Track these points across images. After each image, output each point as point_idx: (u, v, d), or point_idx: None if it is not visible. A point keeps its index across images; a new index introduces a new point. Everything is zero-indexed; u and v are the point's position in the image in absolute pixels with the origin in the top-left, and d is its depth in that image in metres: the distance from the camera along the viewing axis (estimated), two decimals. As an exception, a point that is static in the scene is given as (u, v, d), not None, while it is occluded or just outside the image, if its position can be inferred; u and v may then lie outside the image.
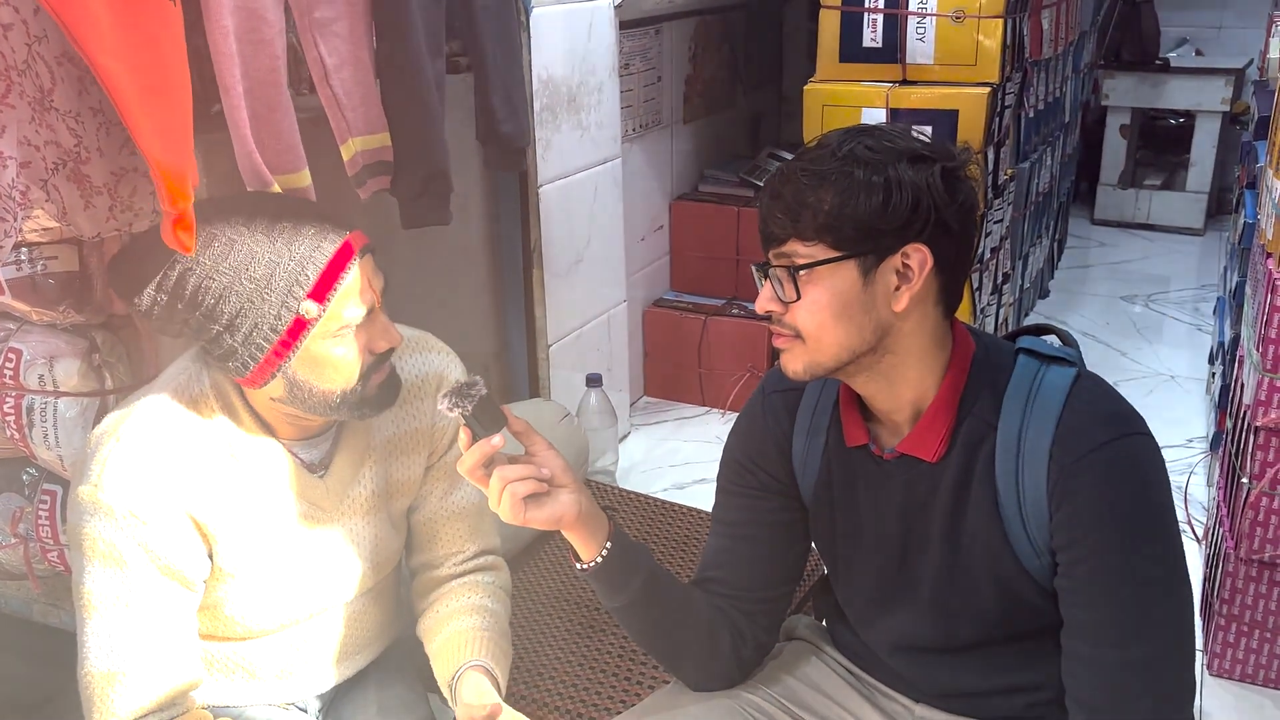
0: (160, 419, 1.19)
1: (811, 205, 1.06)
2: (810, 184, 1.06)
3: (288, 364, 1.18)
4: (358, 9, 1.56)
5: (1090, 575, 1.07)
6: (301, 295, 1.16)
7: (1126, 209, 5.14)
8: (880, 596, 1.25)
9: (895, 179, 1.05)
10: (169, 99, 1.19)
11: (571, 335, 2.71)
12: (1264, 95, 3.11)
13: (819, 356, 1.11)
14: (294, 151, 1.46)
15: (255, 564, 1.26)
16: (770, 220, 1.10)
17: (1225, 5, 5.34)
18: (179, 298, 1.16)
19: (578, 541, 1.18)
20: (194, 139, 1.23)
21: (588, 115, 2.63)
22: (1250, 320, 2.07)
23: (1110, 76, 4.96)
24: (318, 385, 1.21)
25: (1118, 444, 1.07)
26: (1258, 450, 1.86)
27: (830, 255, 1.07)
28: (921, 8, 2.58)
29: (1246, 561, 1.94)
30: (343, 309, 1.18)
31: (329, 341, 1.19)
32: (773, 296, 1.11)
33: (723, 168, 3.52)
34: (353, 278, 1.19)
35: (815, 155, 1.08)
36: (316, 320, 1.17)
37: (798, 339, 1.11)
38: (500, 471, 1.12)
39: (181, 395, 1.22)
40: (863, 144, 1.07)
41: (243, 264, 1.15)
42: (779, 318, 1.12)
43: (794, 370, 1.13)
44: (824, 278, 1.08)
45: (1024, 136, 3.24)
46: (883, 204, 1.05)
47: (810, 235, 1.07)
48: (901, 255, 1.07)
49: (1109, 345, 3.76)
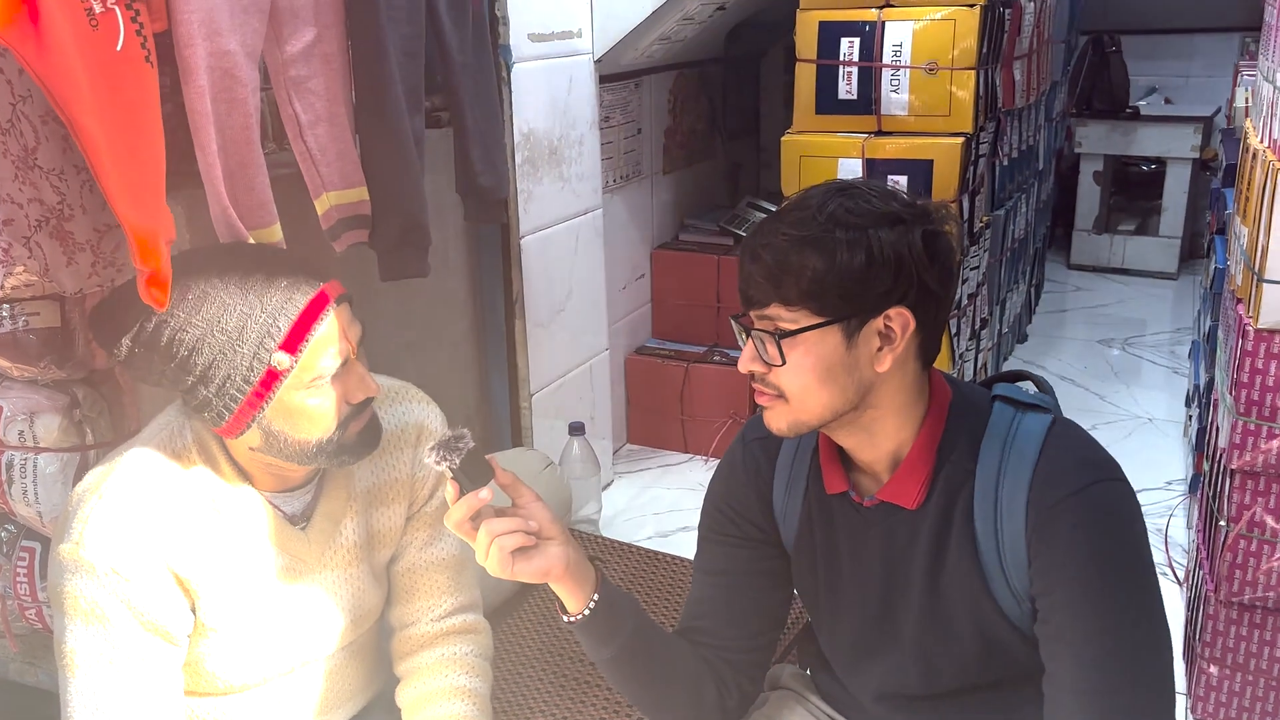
0: (142, 475, 1.19)
1: (794, 271, 1.06)
2: (792, 248, 1.06)
3: (262, 415, 1.18)
4: (334, 66, 1.58)
5: (1069, 622, 1.08)
6: (273, 347, 1.16)
7: (1102, 254, 5.21)
8: (863, 644, 1.25)
9: (877, 244, 1.05)
10: (142, 159, 1.19)
11: (554, 384, 2.72)
12: (1231, 143, 3.17)
13: (803, 416, 1.12)
14: (266, 208, 1.48)
15: (237, 618, 1.25)
16: (751, 284, 1.10)
17: (1192, 55, 5.46)
18: (154, 349, 1.16)
19: (565, 593, 1.18)
20: (179, 194, 1.24)
21: (569, 167, 2.66)
22: (1223, 364, 2.10)
23: (1083, 125, 5.05)
24: (293, 435, 1.21)
25: (1094, 489, 1.08)
26: (1234, 493, 1.88)
27: (814, 321, 1.07)
28: (895, 60, 2.63)
29: (1227, 604, 1.95)
30: (316, 360, 1.18)
31: (303, 392, 1.19)
32: (755, 357, 1.12)
33: (703, 217, 3.56)
34: (326, 328, 1.18)
35: (796, 218, 1.08)
36: (289, 372, 1.17)
37: (781, 398, 1.12)
38: (488, 525, 1.11)
39: (165, 449, 1.22)
40: (843, 205, 1.07)
41: (215, 316, 1.15)
42: (762, 377, 1.13)
43: (777, 428, 1.14)
44: (808, 342, 1.08)
45: (999, 184, 3.29)
46: (865, 269, 1.05)
47: (793, 300, 1.07)
48: (884, 318, 1.08)
49: (1087, 389, 3.79)
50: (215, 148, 1.38)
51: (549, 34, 2.51)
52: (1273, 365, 1.78)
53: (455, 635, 1.43)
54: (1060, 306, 4.78)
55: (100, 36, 1.12)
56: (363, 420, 1.26)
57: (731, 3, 3.12)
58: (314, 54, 1.55)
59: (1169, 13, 5.39)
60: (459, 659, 1.41)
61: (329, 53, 1.57)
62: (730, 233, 3.42)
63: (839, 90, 2.69)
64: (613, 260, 3.05)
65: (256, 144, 1.45)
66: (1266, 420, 1.80)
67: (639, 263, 3.37)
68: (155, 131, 1.21)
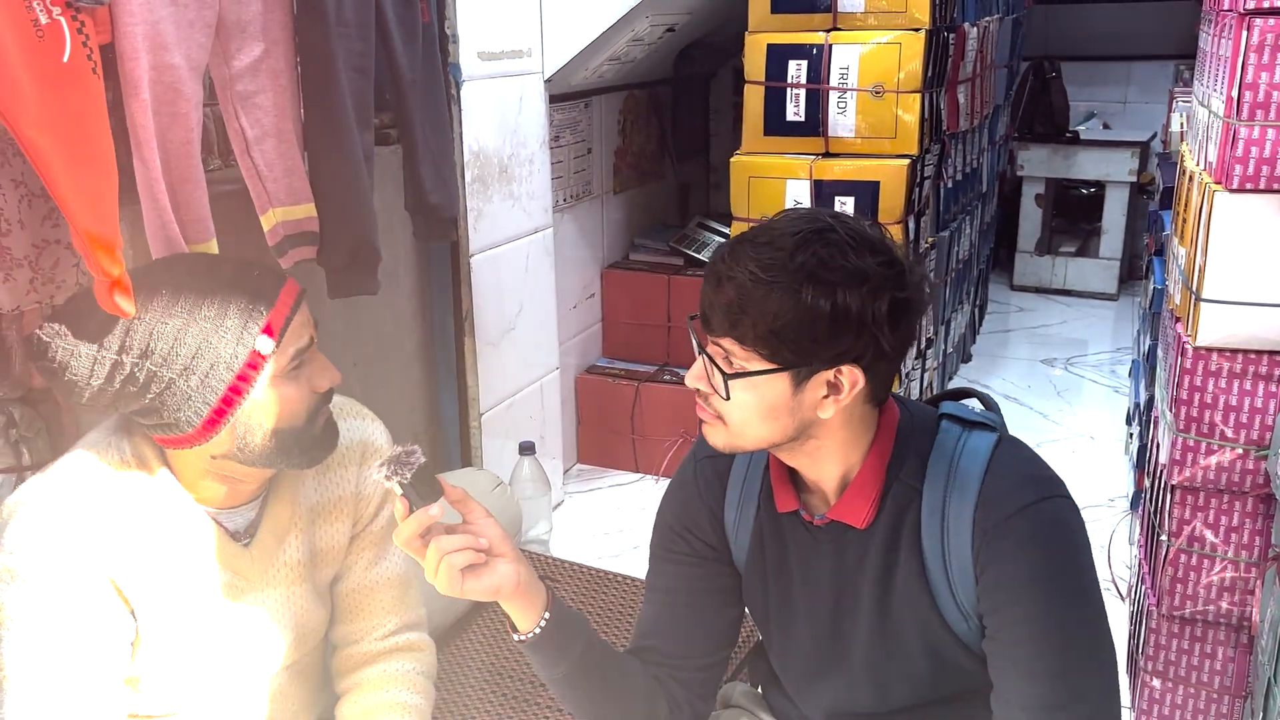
0: (77, 484, 1.16)
1: (753, 314, 1.04)
2: (757, 289, 1.03)
3: (239, 409, 1.17)
4: (283, 82, 1.57)
5: (1016, 639, 1.09)
6: (256, 331, 1.15)
7: (1044, 275, 5.31)
8: (814, 662, 1.25)
9: (843, 306, 1.03)
10: (95, 169, 1.19)
11: (504, 403, 2.71)
12: (1167, 167, 3.26)
13: (739, 442, 1.13)
14: (204, 223, 1.47)
15: (177, 635, 1.22)
16: (710, 311, 1.08)
17: (1129, 82, 5.61)
18: (126, 353, 1.13)
19: (515, 611, 1.17)
20: (121, 210, 1.23)
21: (519, 186, 2.65)
22: (1163, 382, 2.14)
23: (1024, 148, 5.15)
24: (267, 427, 1.19)
25: (1039, 506, 1.09)
26: (1174, 508, 1.91)
27: (764, 366, 1.06)
28: (842, 83, 2.66)
29: (1169, 618, 1.98)
30: (294, 344, 1.19)
31: (281, 379, 1.19)
32: (703, 376, 1.11)
33: (653, 236, 3.58)
34: (301, 313, 1.20)
35: (768, 258, 1.04)
36: (272, 356, 1.17)
37: (720, 420, 1.12)
38: (437, 542, 1.10)
39: (100, 461, 1.19)
40: (817, 256, 1.03)
41: (193, 305, 1.14)
42: (705, 397, 1.13)
43: (714, 443, 1.15)
44: (755, 384, 1.08)
45: (944, 206, 3.34)
46: (827, 329, 1.04)
47: (748, 341, 1.06)
48: (835, 372, 1.07)
49: (1030, 408, 3.85)
50: (157, 161, 1.36)
51: (499, 53, 2.51)
52: (1211, 382, 1.82)
53: (399, 652, 1.41)
54: (1004, 326, 4.86)
55: (46, 47, 1.10)
56: (325, 414, 1.26)
57: (681, 25, 3.14)
58: (261, 69, 1.53)
59: (1107, 41, 5.54)
60: (401, 675, 1.39)
61: (277, 68, 1.56)
62: (680, 252, 3.44)
63: (787, 112, 2.72)
64: (563, 279, 3.05)
65: (197, 159, 1.44)
66: (1205, 436, 1.84)
67: (589, 282, 3.37)
68: (106, 141, 1.20)
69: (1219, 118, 1.77)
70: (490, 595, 1.13)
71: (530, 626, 1.17)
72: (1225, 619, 1.93)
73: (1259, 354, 1.77)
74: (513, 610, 1.17)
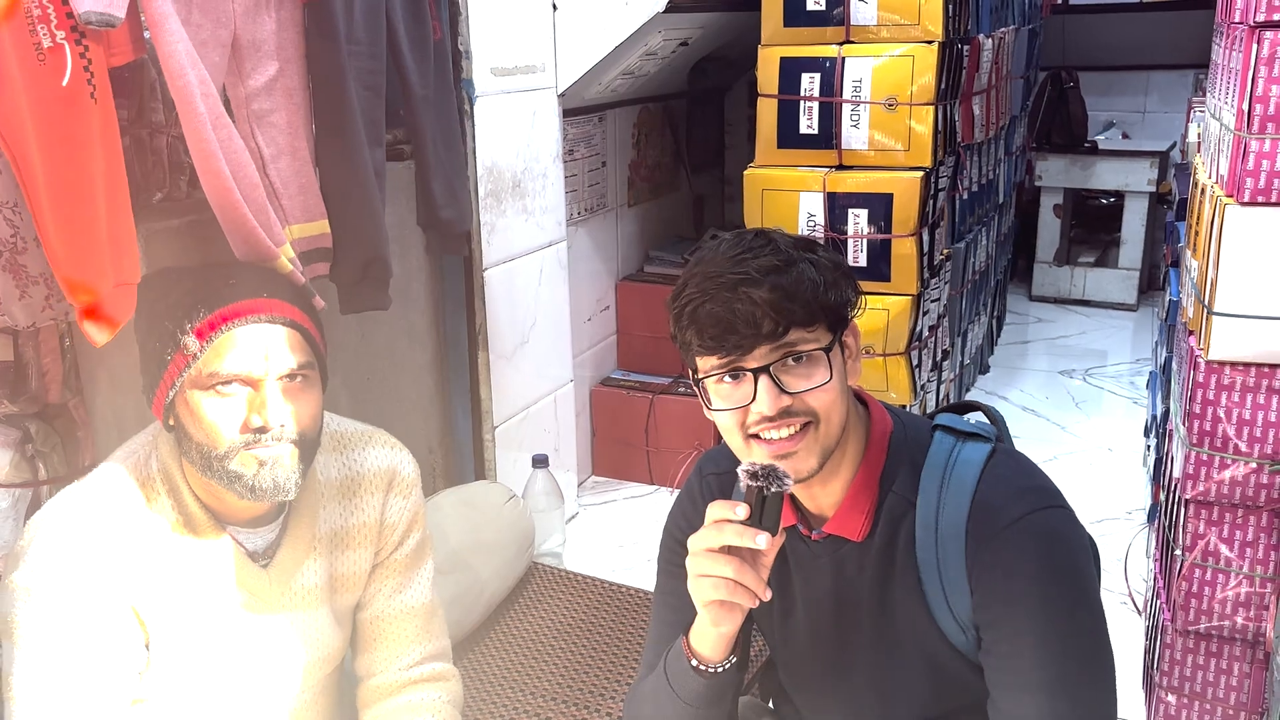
0: (100, 505, 1.18)
1: (799, 296, 1.05)
2: (783, 277, 1.05)
3: (171, 399, 1.19)
4: (296, 100, 1.58)
5: (1013, 650, 1.09)
6: (189, 329, 1.17)
7: (1063, 285, 5.29)
8: (820, 676, 1.25)
9: (831, 259, 1.10)
10: (79, 196, 1.19)
11: (518, 416, 2.71)
12: (1184, 177, 3.23)
13: (828, 441, 1.10)
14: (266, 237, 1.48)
15: (192, 654, 1.23)
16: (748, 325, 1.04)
17: (1148, 91, 5.58)
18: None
19: (722, 641, 1.12)
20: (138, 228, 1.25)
21: (532, 200, 2.67)
22: (1176, 395, 2.13)
23: (1042, 159, 5.13)
24: (194, 436, 1.19)
25: (1033, 517, 1.09)
26: (1188, 522, 1.90)
27: (830, 337, 1.09)
28: (855, 96, 2.67)
29: (1183, 633, 1.97)
30: (218, 360, 1.17)
31: (201, 393, 1.18)
32: (780, 393, 1.07)
33: (668, 249, 3.58)
34: (241, 334, 1.17)
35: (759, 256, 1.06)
36: (193, 358, 1.17)
37: (809, 427, 1.09)
38: (740, 569, 1.04)
39: (129, 477, 1.22)
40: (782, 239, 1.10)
41: (171, 283, 1.22)
42: (788, 409, 1.07)
43: (810, 466, 1.10)
44: (832, 358, 1.09)
45: (959, 217, 3.33)
46: (836, 282, 1.09)
47: (804, 321, 1.06)
48: (848, 330, 1.13)
49: (1049, 419, 3.82)
50: (227, 171, 1.35)
51: (512, 68, 2.53)
52: (1224, 396, 1.81)
53: (425, 683, 1.41)
54: (1022, 338, 4.83)
55: (47, 71, 1.11)
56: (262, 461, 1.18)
57: (694, 39, 3.15)
58: (276, 88, 1.55)
59: (1125, 50, 5.51)
60: (428, 704, 1.39)
61: (291, 87, 1.57)
62: (695, 265, 3.44)
63: (800, 125, 2.73)
64: (577, 292, 3.06)
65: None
66: (1219, 450, 1.83)
67: (604, 294, 3.38)
68: (94, 169, 1.20)
69: (1230, 130, 1.77)
70: (715, 624, 1.09)
71: (721, 658, 1.14)
72: (1241, 634, 1.91)
73: (1272, 368, 1.76)
74: (721, 638, 1.12)
